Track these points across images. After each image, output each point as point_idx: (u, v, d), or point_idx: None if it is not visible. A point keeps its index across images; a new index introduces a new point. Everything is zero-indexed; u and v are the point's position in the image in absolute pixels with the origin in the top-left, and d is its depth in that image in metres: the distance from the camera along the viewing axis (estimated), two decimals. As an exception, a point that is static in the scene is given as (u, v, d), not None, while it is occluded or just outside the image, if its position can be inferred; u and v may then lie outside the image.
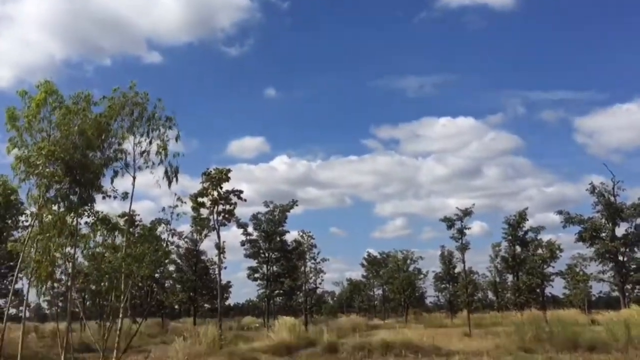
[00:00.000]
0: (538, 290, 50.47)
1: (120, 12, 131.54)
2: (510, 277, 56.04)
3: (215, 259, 46.22)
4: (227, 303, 64.61)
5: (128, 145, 16.20)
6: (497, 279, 60.45)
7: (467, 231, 40.19)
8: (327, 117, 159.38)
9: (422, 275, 67.88)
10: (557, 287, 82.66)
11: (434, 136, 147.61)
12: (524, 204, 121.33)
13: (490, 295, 69.38)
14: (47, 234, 15.14)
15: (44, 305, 46.12)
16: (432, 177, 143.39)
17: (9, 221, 18.92)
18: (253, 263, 50.00)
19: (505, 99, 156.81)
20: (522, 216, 51.57)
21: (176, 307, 61.50)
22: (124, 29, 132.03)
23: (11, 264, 32.25)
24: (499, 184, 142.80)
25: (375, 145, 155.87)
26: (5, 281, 40.85)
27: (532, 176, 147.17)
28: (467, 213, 39.75)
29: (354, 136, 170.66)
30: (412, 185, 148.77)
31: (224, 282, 49.35)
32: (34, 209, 15.60)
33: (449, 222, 40.34)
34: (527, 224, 51.61)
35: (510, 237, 52.21)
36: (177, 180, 16.49)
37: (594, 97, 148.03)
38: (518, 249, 52.27)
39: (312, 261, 49.43)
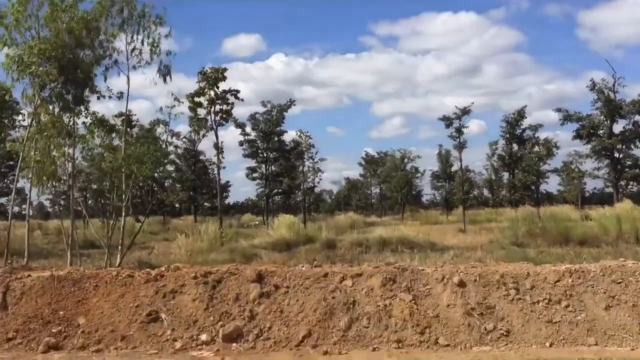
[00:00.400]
0: (533, 187, 51.25)
1: None
2: (506, 175, 56.74)
3: (214, 159, 46.60)
4: (226, 202, 65.86)
5: (120, 43, 15.85)
6: (493, 177, 61.32)
7: (465, 130, 40.28)
8: (325, 14, 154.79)
9: (419, 174, 68.89)
10: (552, 185, 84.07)
11: (434, 32, 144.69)
12: (523, 102, 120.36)
13: (485, 192, 70.70)
14: (45, 134, 15.10)
15: (46, 203, 47.04)
16: (431, 76, 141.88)
17: (6, 121, 18.78)
18: (252, 163, 50.45)
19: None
20: (520, 114, 51.35)
21: (177, 205, 62.65)
22: None
23: (11, 163, 32.47)
24: (498, 82, 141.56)
25: (373, 42, 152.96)
26: (6, 180, 41.37)
27: (532, 73, 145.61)
28: (465, 112, 39.64)
29: (351, 33, 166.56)
30: (410, 83, 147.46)
31: (223, 181, 50.04)
32: (30, 109, 15.47)
33: (447, 121, 40.32)
34: (526, 122, 51.53)
35: (507, 136, 52.27)
36: (171, 78, 16.26)
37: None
38: (515, 147, 52.48)
39: (311, 161, 49.90)
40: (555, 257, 16.30)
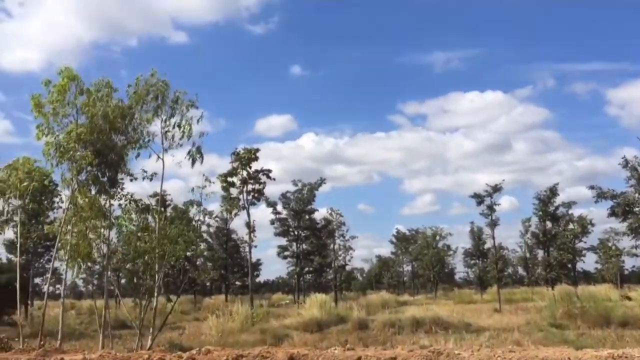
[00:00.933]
0: (569, 265, 49.94)
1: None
2: (540, 253, 55.47)
3: (246, 237, 46.86)
4: (257, 280, 65.55)
5: (155, 127, 16.47)
6: (528, 255, 60.00)
7: (496, 207, 39.89)
8: (354, 94, 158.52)
9: (451, 252, 67.84)
10: (588, 262, 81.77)
11: (461, 111, 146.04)
12: (555, 179, 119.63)
13: (520, 270, 68.98)
14: (82, 216, 15.55)
15: (80, 282, 47.50)
16: (461, 153, 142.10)
17: (45, 202, 19.42)
18: (283, 241, 50.48)
19: (535, 71, 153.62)
20: (552, 191, 50.77)
21: (208, 284, 62.53)
22: (149, 9, 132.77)
23: (47, 243, 33.13)
24: (528, 159, 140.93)
25: (402, 121, 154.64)
26: (42, 260, 42.07)
27: (562, 150, 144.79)
28: (496, 189, 39.41)
29: (380, 113, 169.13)
30: (440, 161, 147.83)
31: (254, 259, 50.05)
32: (67, 192, 16.02)
33: (478, 198, 40.05)
34: (558, 199, 50.84)
35: (540, 213, 51.48)
36: (202, 159, 16.65)
37: (627, 68, 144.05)
38: (549, 224, 51.59)
39: (341, 238, 49.68)
40: (596, 340, 15.74)
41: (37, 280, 46.35)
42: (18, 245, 19.08)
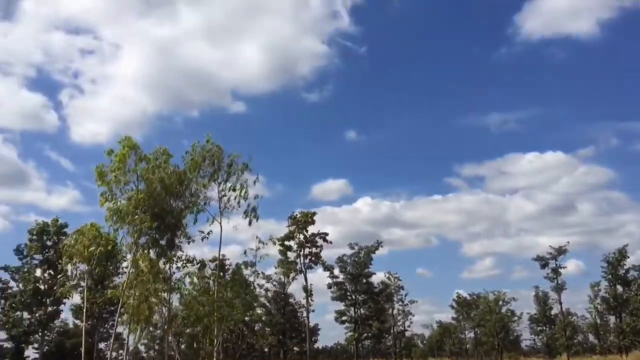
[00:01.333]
0: (644, 332, 47.19)
1: (205, 66, 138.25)
2: (612, 319, 52.77)
3: (303, 301, 46.63)
4: (315, 346, 64.54)
5: (212, 192, 17.02)
6: (598, 321, 57.09)
7: (562, 270, 38.54)
8: (409, 157, 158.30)
9: (515, 317, 65.10)
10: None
11: (520, 172, 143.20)
12: (623, 241, 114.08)
13: (591, 337, 65.48)
14: (143, 279, 16.02)
15: (142, 348, 48.08)
16: (521, 215, 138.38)
17: (110, 267, 20.14)
18: (340, 306, 49.91)
19: (597, 131, 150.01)
20: (622, 253, 48.77)
21: (266, 349, 61.98)
22: (209, 81, 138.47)
23: (111, 308, 34.01)
24: (594, 220, 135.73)
25: (460, 183, 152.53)
26: (106, 325, 43.03)
27: (629, 210, 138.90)
28: (561, 251, 38.28)
29: (436, 175, 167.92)
30: (500, 223, 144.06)
31: (312, 324, 49.54)
32: (129, 257, 16.61)
33: (542, 261, 38.95)
34: (628, 262, 48.69)
35: (610, 276, 49.38)
36: (257, 218, 16.99)
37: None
38: (619, 288, 49.28)
39: (400, 303, 48.77)
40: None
41: (102, 345, 47.39)
42: (84, 310, 19.69)
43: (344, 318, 49.84)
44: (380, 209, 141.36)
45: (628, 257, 48.64)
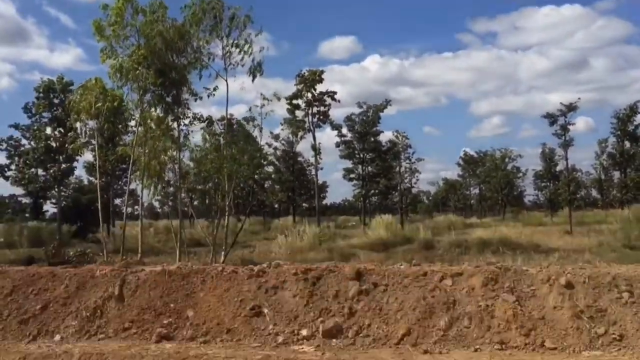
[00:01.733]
0: (647, 186, 48.07)
1: None
2: (617, 174, 53.56)
3: (312, 160, 47.33)
4: (324, 202, 66.61)
5: (216, 48, 16.48)
6: (603, 176, 57.99)
7: (570, 127, 38.24)
8: (420, 11, 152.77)
9: (521, 174, 66.19)
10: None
11: (535, 27, 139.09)
12: (636, 97, 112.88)
13: (594, 193, 66.96)
14: (152, 136, 16.10)
15: (156, 204, 49.82)
16: (533, 72, 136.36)
17: (120, 126, 20.19)
18: (348, 164, 50.65)
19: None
20: (633, 109, 48.34)
21: (276, 206, 64.11)
22: None
23: (124, 166, 34.71)
24: (607, 76, 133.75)
25: (471, 39, 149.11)
26: (120, 182, 44.25)
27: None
28: (571, 108, 37.68)
29: (448, 31, 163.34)
30: (510, 81, 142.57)
31: (320, 182, 50.67)
32: (137, 114, 16.56)
33: (551, 118, 38.50)
34: (639, 118, 48.39)
35: (619, 132, 49.35)
36: (261, 74, 16.57)
37: None
38: (627, 144, 49.46)
39: (407, 161, 49.28)
40: (674, 261, 15.19)
41: (117, 201, 49.10)
42: (97, 167, 20.04)
43: (351, 175, 50.73)
44: (389, 67, 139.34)
45: (639, 113, 48.30)
